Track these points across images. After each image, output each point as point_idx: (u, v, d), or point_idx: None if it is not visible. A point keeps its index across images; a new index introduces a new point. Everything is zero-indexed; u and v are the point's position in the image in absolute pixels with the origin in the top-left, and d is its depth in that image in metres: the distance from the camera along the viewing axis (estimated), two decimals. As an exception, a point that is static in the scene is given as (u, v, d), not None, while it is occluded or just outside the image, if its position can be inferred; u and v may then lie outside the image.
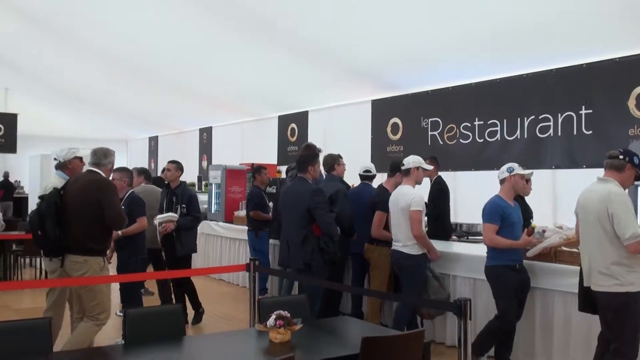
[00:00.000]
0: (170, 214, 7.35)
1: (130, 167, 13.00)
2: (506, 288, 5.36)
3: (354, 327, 4.45)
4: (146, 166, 15.48)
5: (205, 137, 15.95)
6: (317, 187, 6.38)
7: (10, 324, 3.83)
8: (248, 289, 9.19)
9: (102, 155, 5.36)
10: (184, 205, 7.43)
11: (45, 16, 11.11)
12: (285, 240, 6.41)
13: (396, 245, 6.21)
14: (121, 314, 8.21)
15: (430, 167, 6.73)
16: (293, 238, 6.24)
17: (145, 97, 14.28)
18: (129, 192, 7.04)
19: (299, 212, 6.13)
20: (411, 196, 6.04)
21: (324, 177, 7.69)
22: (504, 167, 5.56)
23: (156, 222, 7.30)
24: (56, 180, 5.62)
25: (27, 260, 11.47)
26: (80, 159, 5.79)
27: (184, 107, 14.49)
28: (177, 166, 7.62)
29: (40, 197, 5.26)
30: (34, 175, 16.74)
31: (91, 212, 5.09)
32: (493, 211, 5.39)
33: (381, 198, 6.69)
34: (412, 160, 6.25)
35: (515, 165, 5.56)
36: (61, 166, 5.71)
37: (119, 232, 6.54)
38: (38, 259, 10.91)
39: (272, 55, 9.71)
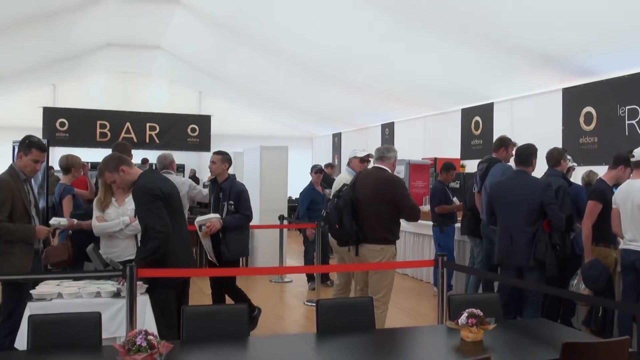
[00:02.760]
0: (210, 215, 6.49)
1: (313, 164, 13.48)
2: None
3: (551, 330, 4.21)
4: (331, 162, 15.97)
5: (388, 132, 16.05)
6: (548, 181, 6.16)
7: (209, 309, 4.18)
8: (431, 284, 9.22)
9: (385, 150, 5.98)
10: (231, 202, 6.47)
11: (236, 26, 11.89)
12: (509, 236, 6.06)
13: (634, 246, 5.57)
14: (309, 304, 8.53)
15: None
16: (519, 234, 5.95)
17: (329, 96, 14.71)
18: None
19: (530, 207, 5.89)
20: None
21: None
22: None
23: (196, 224, 6.41)
24: (346, 175, 6.58)
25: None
26: (359, 159, 6.83)
27: (366, 104, 14.72)
28: (224, 157, 6.63)
29: (336, 195, 5.94)
30: (227, 171, 17.85)
31: (385, 206, 5.66)
32: None
33: (599, 185, 6.20)
34: None
35: None
36: (348, 163, 7.00)
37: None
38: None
39: (453, 47, 9.53)
